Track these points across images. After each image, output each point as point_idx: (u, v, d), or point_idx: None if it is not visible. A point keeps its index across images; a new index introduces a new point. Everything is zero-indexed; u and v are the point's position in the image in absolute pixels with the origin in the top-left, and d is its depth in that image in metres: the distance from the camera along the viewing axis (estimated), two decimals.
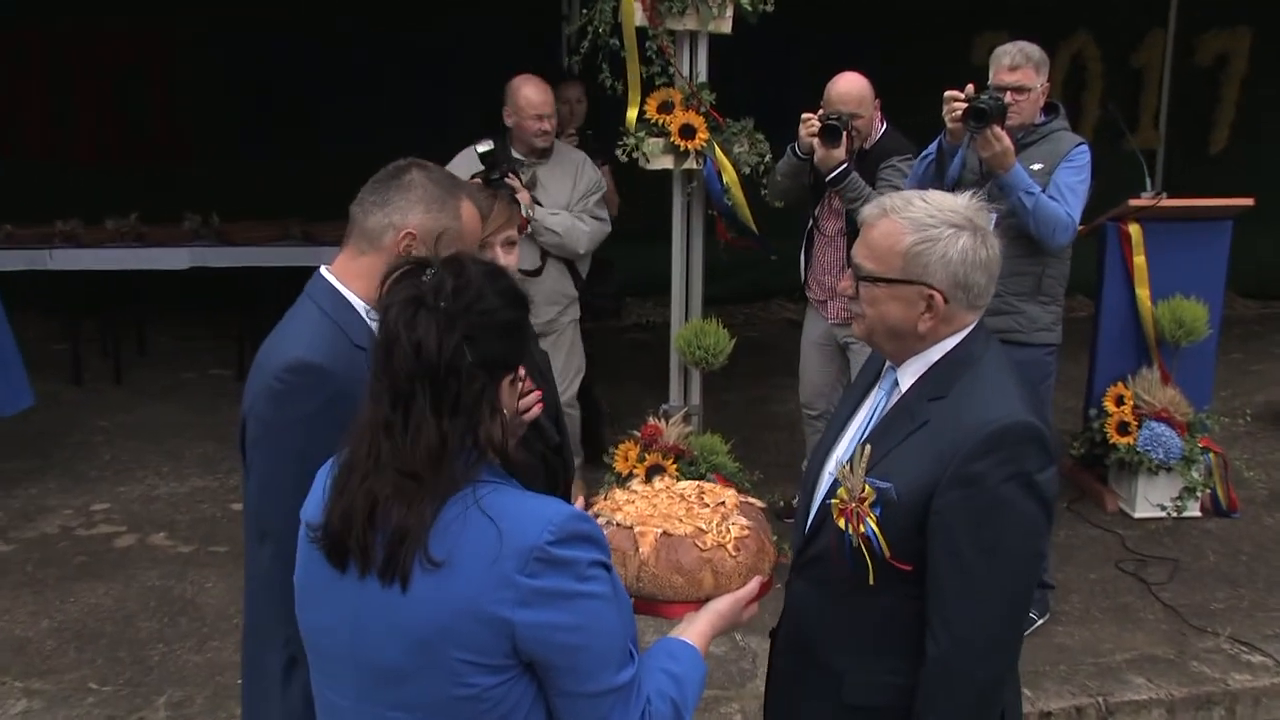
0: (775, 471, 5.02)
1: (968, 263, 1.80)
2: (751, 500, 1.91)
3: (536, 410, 2.11)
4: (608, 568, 1.44)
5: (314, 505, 1.53)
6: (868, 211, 1.87)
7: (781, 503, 4.74)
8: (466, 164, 4.17)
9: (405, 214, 1.87)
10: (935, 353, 1.86)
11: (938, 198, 1.84)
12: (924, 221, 1.80)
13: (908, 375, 1.89)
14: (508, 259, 2.27)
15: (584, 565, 1.40)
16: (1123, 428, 4.83)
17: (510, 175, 4.13)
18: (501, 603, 1.36)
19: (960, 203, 1.84)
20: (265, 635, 1.89)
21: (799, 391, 4.69)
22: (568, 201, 4.41)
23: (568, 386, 4.55)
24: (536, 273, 4.39)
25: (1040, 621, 3.98)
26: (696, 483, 1.96)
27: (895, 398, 1.91)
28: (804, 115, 4.14)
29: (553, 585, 1.38)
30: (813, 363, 4.57)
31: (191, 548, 4.58)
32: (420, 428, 1.39)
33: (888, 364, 1.97)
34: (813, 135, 4.07)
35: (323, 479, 1.53)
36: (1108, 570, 4.44)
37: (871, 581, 1.81)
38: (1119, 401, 4.86)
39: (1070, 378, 6.33)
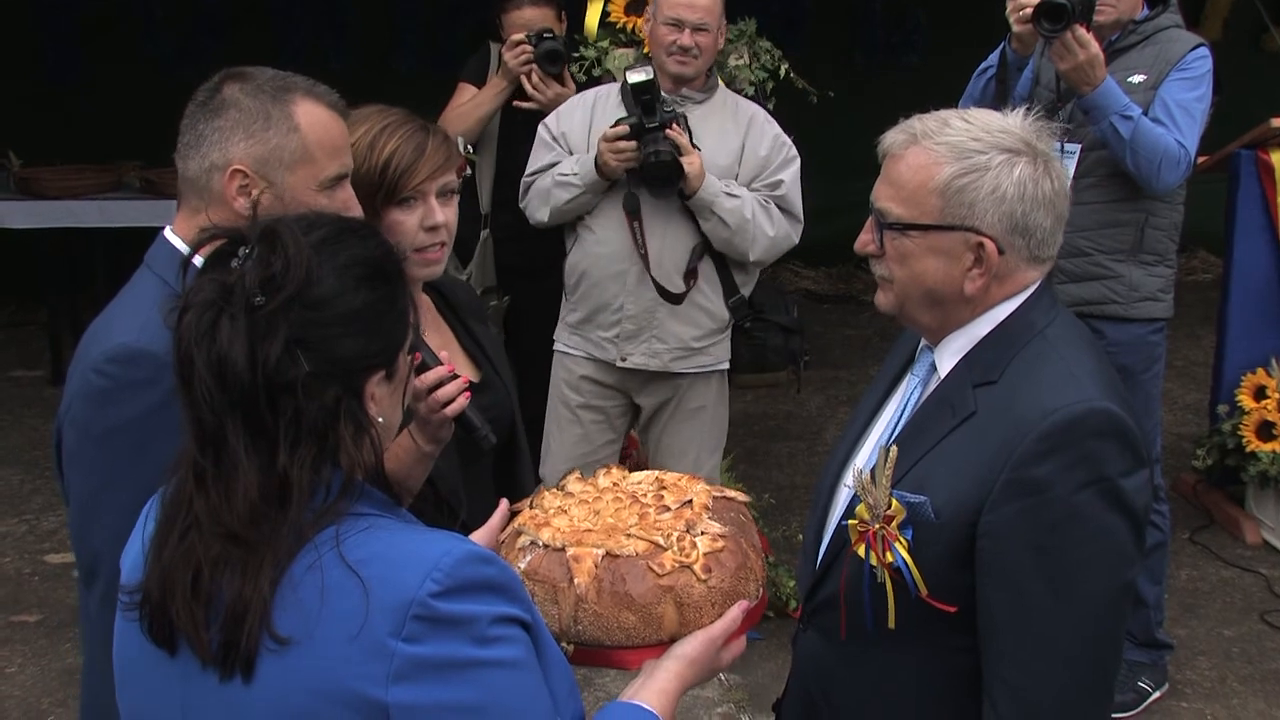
0: (791, 495, 5.08)
1: (1026, 198, 1.87)
2: (729, 494, 1.94)
3: (461, 401, 2.15)
4: (524, 624, 1.46)
5: (132, 557, 1.56)
6: (890, 139, 1.94)
7: (800, 536, 4.80)
8: (586, 109, 3.88)
9: (225, 147, 1.93)
10: (984, 325, 1.94)
11: (983, 116, 1.92)
12: (966, 147, 1.87)
13: (948, 355, 1.97)
14: (446, 213, 2.30)
15: (484, 623, 1.41)
16: (1265, 430, 4.92)
17: (674, 127, 3.69)
18: (370, 679, 1.38)
19: (1013, 121, 1.92)
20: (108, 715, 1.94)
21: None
22: (730, 174, 3.91)
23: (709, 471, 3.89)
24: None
25: (1156, 694, 4.07)
26: (654, 474, 1.99)
27: (933, 385, 1.99)
28: None
29: (440, 652, 1.39)
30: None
31: None
32: (233, 475, 1.42)
33: (922, 343, 2.05)
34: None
35: (144, 521, 1.57)
36: (1249, 624, 4.53)
37: (900, 628, 1.88)
38: (1260, 394, 4.95)
39: (1190, 363, 6.42)
